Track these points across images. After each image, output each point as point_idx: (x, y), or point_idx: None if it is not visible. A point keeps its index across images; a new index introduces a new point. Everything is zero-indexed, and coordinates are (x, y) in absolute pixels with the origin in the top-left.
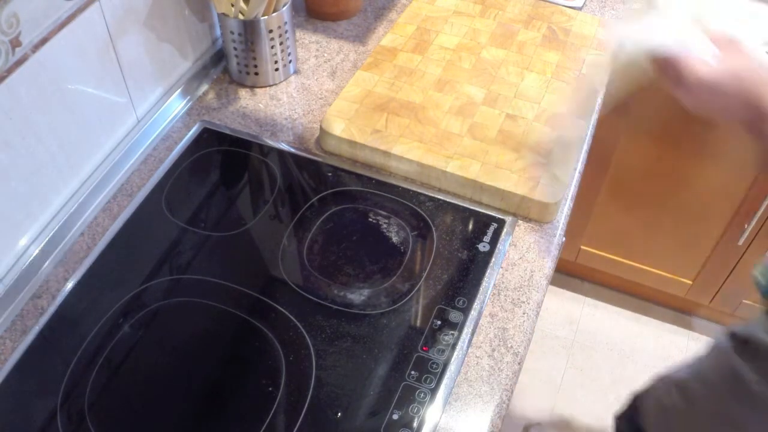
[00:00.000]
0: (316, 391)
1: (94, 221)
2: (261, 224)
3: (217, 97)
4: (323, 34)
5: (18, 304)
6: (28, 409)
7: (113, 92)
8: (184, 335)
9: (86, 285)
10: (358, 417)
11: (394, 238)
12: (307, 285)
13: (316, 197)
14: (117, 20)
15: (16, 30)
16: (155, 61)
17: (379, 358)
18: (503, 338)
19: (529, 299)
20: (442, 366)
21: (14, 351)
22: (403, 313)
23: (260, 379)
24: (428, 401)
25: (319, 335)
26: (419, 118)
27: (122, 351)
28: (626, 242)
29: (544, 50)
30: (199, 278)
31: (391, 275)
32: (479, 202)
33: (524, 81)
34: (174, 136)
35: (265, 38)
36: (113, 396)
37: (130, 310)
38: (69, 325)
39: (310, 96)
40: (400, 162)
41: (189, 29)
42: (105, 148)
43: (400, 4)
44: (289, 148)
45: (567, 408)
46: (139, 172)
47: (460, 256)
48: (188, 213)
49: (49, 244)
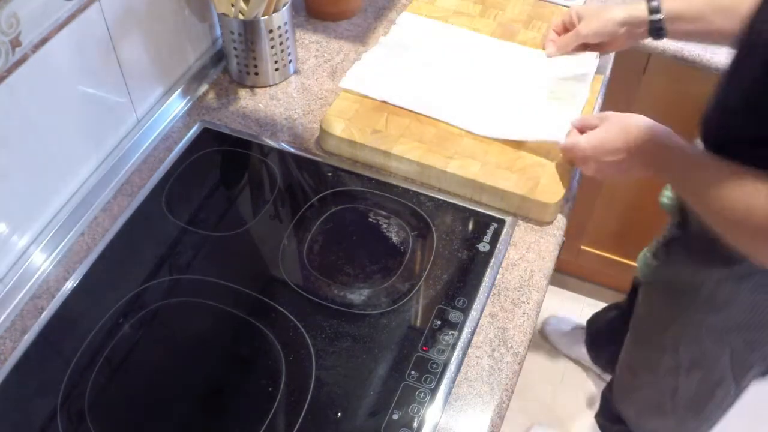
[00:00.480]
0: (316, 391)
1: (94, 221)
2: (261, 224)
3: (217, 97)
4: (323, 34)
5: (18, 304)
6: (28, 409)
7: (113, 92)
8: (184, 335)
9: (86, 285)
10: (358, 417)
11: (394, 238)
12: (307, 285)
13: (316, 197)
14: (117, 20)
15: (16, 30)
16: (155, 61)
17: (379, 358)
18: (503, 338)
19: (529, 299)
20: (442, 366)
21: (14, 351)
22: (403, 313)
23: (260, 379)
24: (428, 401)
25: (319, 335)
26: (419, 118)
27: (122, 351)
28: (626, 242)
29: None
30: (199, 278)
31: (391, 275)
32: (479, 202)
33: None
34: (174, 136)
35: (265, 38)
36: (113, 396)
37: (130, 310)
38: (69, 325)
39: (310, 96)
40: (400, 162)
41: (189, 29)
42: (105, 148)
43: (400, 4)
44: (289, 148)
45: (567, 408)
46: (139, 172)
47: (460, 256)
48: (188, 213)
49: (49, 244)
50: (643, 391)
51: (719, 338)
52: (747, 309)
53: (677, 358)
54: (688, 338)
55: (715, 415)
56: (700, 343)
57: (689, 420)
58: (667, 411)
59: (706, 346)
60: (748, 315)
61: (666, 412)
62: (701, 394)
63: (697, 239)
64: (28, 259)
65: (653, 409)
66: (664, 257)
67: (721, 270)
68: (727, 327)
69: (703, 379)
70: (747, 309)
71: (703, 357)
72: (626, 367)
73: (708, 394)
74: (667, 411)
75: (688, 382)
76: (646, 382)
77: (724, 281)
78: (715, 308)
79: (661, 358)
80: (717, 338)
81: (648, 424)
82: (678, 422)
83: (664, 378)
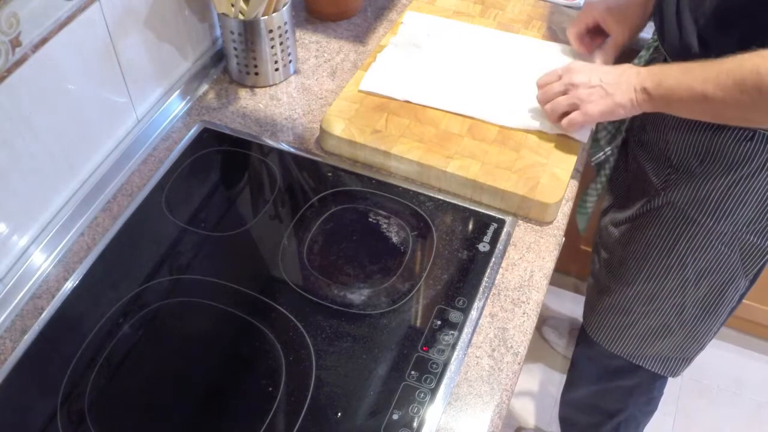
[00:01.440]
0: (316, 391)
1: (94, 221)
2: (261, 224)
3: (217, 97)
4: (323, 34)
5: (18, 304)
6: (28, 409)
7: (113, 92)
8: (184, 335)
9: (86, 285)
10: (358, 417)
11: (394, 238)
12: (307, 285)
13: (316, 197)
14: (117, 20)
15: (16, 30)
16: (155, 61)
17: (379, 358)
18: (503, 338)
19: (529, 299)
20: (442, 366)
21: (14, 351)
22: (403, 313)
23: (260, 379)
24: (428, 401)
25: (319, 335)
26: (419, 118)
27: (122, 351)
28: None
29: None
30: (199, 278)
31: (391, 275)
32: (479, 202)
33: None
34: (174, 136)
35: (265, 38)
36: (113, 396)
37: (130, 310)
38: (69, 325)
39: (310, 96)
40: (400, 162)
41: (189, 29)
42: (105, 148)
43: (400, 4)
44: (289, 148)
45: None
46: (139, 172)
47: (460, 256)
48: (188, 213)
49: (49, 244)
50: (641, 323)
51: (730, 241)
52: (761, 201)
53: (683, 274)
54: (696, 251)
55: (724, 313)
56: (711, 251)
57: (700, 325)
58: (674, 329)
59: (717, 252)
60: (758, 210)
61: (672, 331)
62: (710, 299)
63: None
64: (28, 259)
65: (657, 333)
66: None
67: (725, 177)
68: (738, 227)
69: (711, 284)
70: (761, 201)
71: (713, 263)
72: (612, 311)
73: (718, 297)
74: (674, 329)
75: (696, 294)
76: (643, 314)
77: (732, 186)
78: (725, 214)
79: (663, 282)
80: (728, 241)
81: (652, 349)
82: (687, 333)
83: (667, 300)
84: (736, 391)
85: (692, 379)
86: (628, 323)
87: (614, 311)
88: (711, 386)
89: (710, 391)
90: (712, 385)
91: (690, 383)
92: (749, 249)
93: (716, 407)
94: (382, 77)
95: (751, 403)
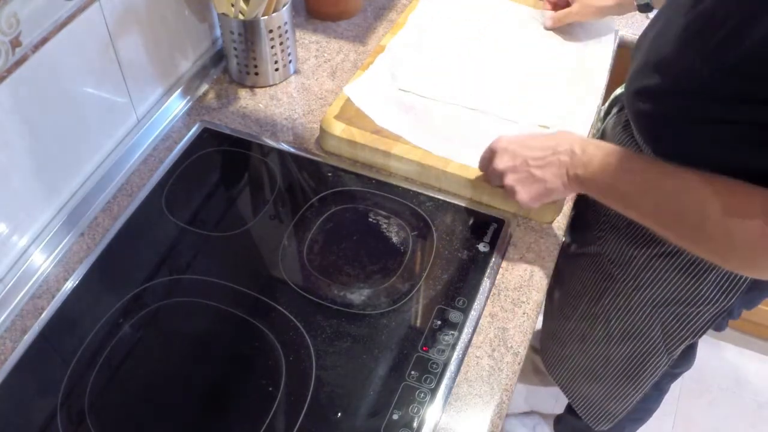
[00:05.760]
0: (316, 391)
1: (94, 221)
2: (261, 224)
3: (217, 97)
4: (323, 34)
5: (18, 304)
6: (28, 409)
7: (113, 92)
8: (184, 335)
9: (86, 285)
10: (358, 417)
11: (394, 238)
12: (307, 285)
13: (316, 197)
14: (117, 20)
15: (16, 30)
16: (155, 61)
17: (379, 358)
18: (503, 338)
19: (529, 299)
20: (442, 366)
21: (14, 351)
22: (403, 313)
23: (260, 379)
24: (428, 401)
25: (319, 335)
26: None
27: (122, 351)
28: None
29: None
30: (199, 278)
31: (391, 275)
32: (479, 202)
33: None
34: (174, 136)
35: (265, 38)
36: (113, 396)
37: (130, 310)
38: (69, 325)
39: (310, 96)
40: (400, 162)
41: (189, 29)
42: (105, 148)
43: (400, 4)
44: (289, 148)
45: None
46: (139, 172)
47: (460, 256)
48: (188, 213)
49: (49, 244)
50: (574, 359)
51: (650, 312)
52: (677, 286)
53: (608, 328)
54: (619, 311)
55: (647, 381)
56: (632, 316)
57: (621, 385)
58: (600, 377)
59: (638, 319)
60: (678, 291)
61: (598, 378)
62: (633, 363)
63: (620, 218)
64: (28, 259)
65: (587, 375)
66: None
67: (649, 248)
68: (657, 302)
69: (635, 349)
70: (677, 286)
71: (635, 329)
72: (553, 338)
73: (640, 364)
74: (600, 377)
75: (620, 352)
76: (577, 351)
77: (655, 258)
78: (645, 284)
79: (592, 328)
80: (648, 312)
81: (580, 389)
82: (610, 388)
83: (595, 347)
84: (736, 391)
85: (692, 379)
86: (564, 355)
87: (554, 339)
88: (711, 386)
89: (710, 391)
90: (712, 385)
91: (690, 383)
92: (670, 328)
93: (716, 407)
94: (367, 90)
95: (751, 403)
